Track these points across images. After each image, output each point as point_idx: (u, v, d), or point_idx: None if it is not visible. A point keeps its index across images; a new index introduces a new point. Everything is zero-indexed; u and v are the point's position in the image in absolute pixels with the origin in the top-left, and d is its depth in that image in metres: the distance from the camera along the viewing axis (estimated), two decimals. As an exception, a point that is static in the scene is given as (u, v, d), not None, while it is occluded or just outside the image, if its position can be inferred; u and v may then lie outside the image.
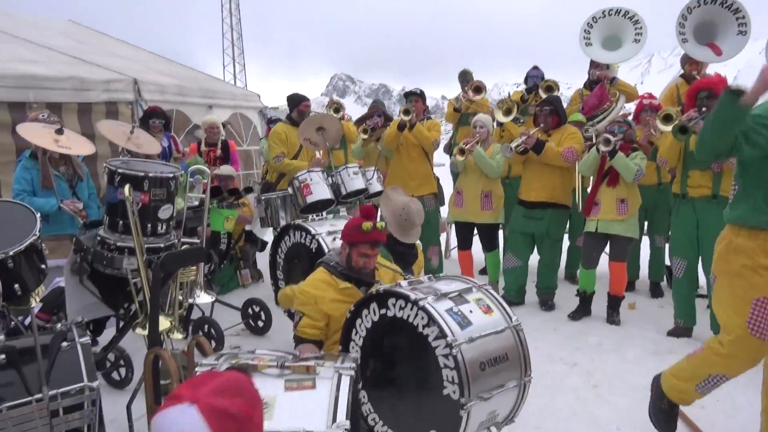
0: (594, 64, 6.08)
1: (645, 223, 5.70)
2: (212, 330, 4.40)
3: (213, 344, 4.17)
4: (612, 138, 4.82)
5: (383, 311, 2.63)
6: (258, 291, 5.82)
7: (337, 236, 3.91)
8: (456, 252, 6.25)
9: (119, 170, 3.34)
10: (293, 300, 3.34)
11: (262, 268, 6.23)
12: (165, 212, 3.48)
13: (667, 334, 4.71)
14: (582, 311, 5.19)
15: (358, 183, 5.17)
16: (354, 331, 2.76)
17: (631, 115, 5.63)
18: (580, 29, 6.01)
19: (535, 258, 5.56)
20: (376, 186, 5.31)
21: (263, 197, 5.07)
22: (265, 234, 6.34)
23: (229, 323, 4.82)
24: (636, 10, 5.97)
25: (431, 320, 2.43)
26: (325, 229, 4.26)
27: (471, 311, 2.57)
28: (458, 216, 5.68)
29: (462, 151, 5.35)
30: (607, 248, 5.14)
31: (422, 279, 2.83)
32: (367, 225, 2.89)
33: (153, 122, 5.74)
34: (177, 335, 3.54)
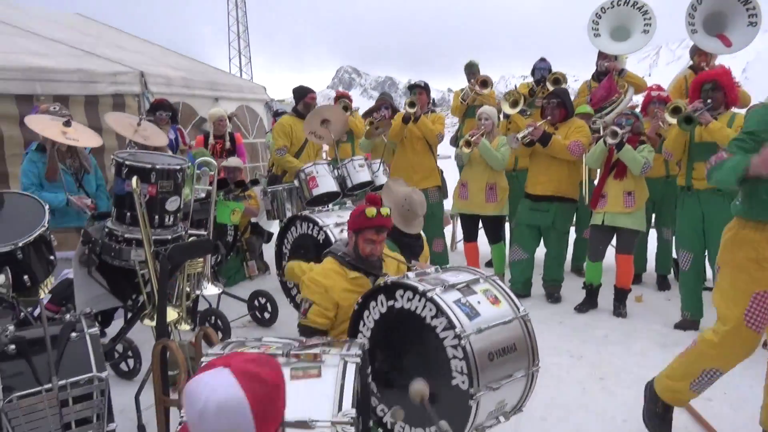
0: (602, 56, 6.04)
1: (652, 216, 5.68)
2: (219, 321, 4.42)
3: (220, 336, 4.19)
4: (619, 130, 4.80)
5: (391, 303, 2.63)
6: (264, 283, 5.84)
7: (345, 228, 3.91)
8: (462, 244, 6.24)
9: (127, 162, 3.36)
10: (299, 276, 3.35)
11: (269, 260, 6.25)
12: (172, 204, 3.50)
13: (674, 327, 4.70)
14: (588, 304, 5.19)
15: (364, 175, 5.17)
16: (362, 323, 2.76)
17: (639, 107, 5.59)
18: (589, 20, 5.96)
19: (542, 250, 5.55)
20: (382, 178, 5.31)
21: (269, 189, 5.09)
22: (272, 226, 6.36)
23: (236, 315, 4.85)
24: (645, 1, 5.92)
25: (439, 311, 2.43)
26: (333, 221, 4.26)
27: (479, 302, 2.57)
28: (463, 208, 5.68)
29: (468, 144, 5.34)
30: (614, 241, 5.13)
31: (429, 270, 2.83)
32: (371, 210, 2.90)
33: (160, 114, 5.74)
34: (184, 326, 3.57)
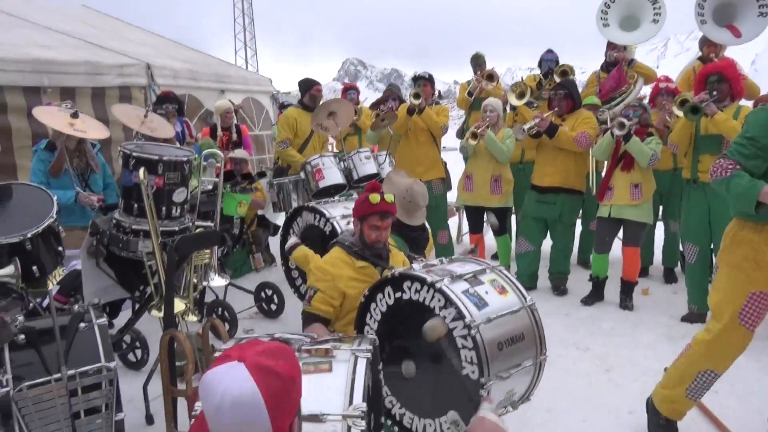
0: (611, 46, 5.99)
1: (660, 209, 5.65)
2: (226, 313, 4.44)
3: (227, 327, 4.21)
4: (627, 122, 4.77)
5: (398, 294, 2.63)
6: (271, 275, 5.86)
7: (351, 219, 3.92)
8: (468, 237, 6.24)
9: (134, 154, 3.36)
10: (306, 264, 3.37)
11: (275, 253, 6.27)
12: (179, 196, 3.51)
13: (681, 320, 4.69)
14: (595, 296, 5.18)
15: (370, 167, 5.17)
16: (369, 315, 2.76)
17: (647, 99, 5.56)
18: (598, 9, 5.91)
19: (548, 243, 5.54)
20: (388, 170, 5.29)
21: (275, 182, 5.09)
22: (278, 218, 6.37)
23: (242, 307, 4.87)
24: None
25: (448, 302, 2.44)
26: (339, 213, 4.27)
27: (487, 292, 2.58)
28: (468, 200, 5.67)
29: (474, 135, 5.33)
30: (621, 233, 5.11)
31: (435, 262, 2.83)
32: (375, 196, 2.91)
33: (166, 107, 5.76)
34: (192, 318, 3.58)
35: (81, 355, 2.41)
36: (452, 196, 6.32)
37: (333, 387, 1.98)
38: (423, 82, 6.02)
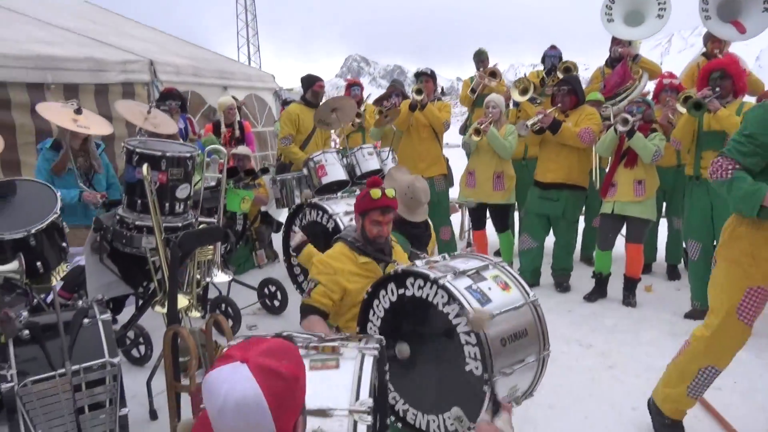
0: (616, 41, 5.97)
1: (663, 205, 5.64)
2: (229, 309, 4.45)
3: (230, 323, 4.22)
4: (630, 118, 4.76)
5: (402, 291, 2.63)
6: (274, 271, 5.86)
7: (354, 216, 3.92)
8: (471, 233, 6.23)
9: (137, 150, 3.37)
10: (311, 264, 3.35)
11: (277, 249, 6.27)
12: (182, 192, 3.51)
13: (684, 317, 4.68)
14: (598, 293, 5.17)
15: (373, 164, 5.16)
16: (372, 312, 2.77)
17: (651, 95, 5.54)
18: (602, 4, 5.89)
19: (551, 239, 5.53)
20: (391, 166, 5.29)
21: (278, 178, 5.08)
22: (281, 215, 6.37)
23: (246, 303, 4.87)
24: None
25: (452, 298, 2.44)
26: (342, 209, 4.27)
27: (489, 288, 2.58)
28: (470, 196, 5.66)
29: (477, 132, 5.32)
30: (624, 230, 5.10)
31: (437, 258, 2.83)
32: (376, 192, 2.91)
33: (170, 103, 5.75)
34: (195, 314, 3.59)
35: (85, 351, 2.42)
36: (454, 193, 6.32)
37: (340, 383, 1.98)
38: (425, 78, 6.02)
